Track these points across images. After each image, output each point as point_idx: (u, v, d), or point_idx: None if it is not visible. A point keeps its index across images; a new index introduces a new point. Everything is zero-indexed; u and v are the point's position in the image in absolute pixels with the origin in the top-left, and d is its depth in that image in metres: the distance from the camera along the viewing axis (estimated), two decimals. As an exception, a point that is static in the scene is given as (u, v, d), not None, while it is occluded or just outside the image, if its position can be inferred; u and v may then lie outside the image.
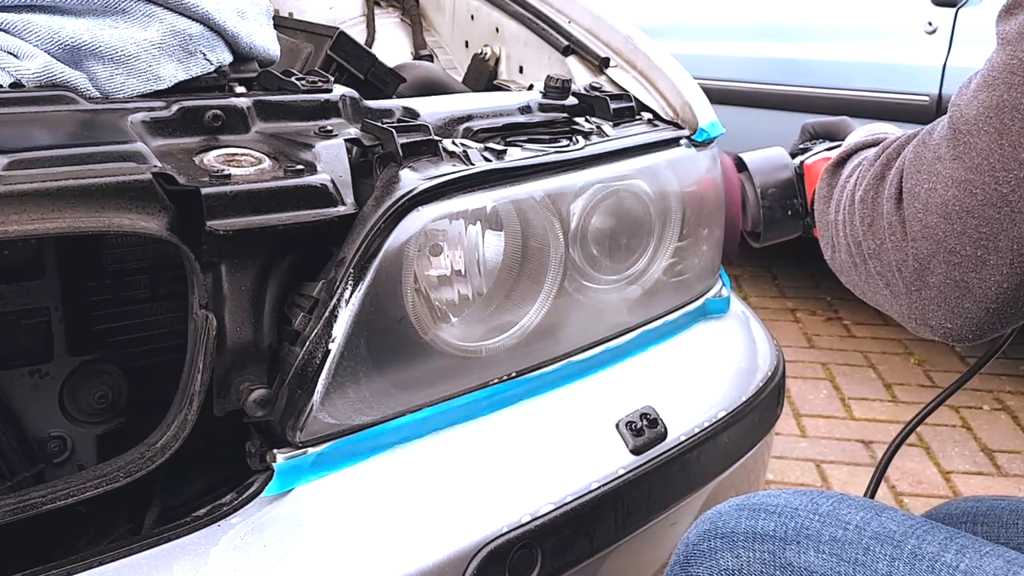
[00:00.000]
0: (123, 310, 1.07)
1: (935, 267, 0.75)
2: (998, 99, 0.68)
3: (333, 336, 0.90)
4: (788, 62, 3.19)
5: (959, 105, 0.73)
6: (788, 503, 0.88)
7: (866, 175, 0.84)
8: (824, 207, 0.95)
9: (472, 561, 0.93)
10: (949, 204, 0.72)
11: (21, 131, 0.84)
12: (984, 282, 0.72)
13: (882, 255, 0.81)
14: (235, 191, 0.84)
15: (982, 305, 0.74)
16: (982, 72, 0.72)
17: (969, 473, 2.45)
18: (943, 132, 0.75)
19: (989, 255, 0.71)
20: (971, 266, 0.72)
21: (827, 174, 0.97)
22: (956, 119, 0.73)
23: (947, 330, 0.77)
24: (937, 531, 0.80)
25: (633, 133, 1.21)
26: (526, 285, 1.07)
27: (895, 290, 0.80)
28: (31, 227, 0.76)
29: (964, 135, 0.71)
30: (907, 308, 0.80)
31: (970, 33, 2.75)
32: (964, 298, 0.74)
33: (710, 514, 0.94)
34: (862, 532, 0.82)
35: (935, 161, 0.74)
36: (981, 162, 0.70)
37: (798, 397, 2.84)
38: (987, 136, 0.69)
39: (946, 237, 0.73)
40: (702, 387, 1.25)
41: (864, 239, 0.83)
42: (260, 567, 0.85)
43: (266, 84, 1.07)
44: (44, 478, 0.99)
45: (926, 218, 0.74)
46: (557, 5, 1.56)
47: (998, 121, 0.68)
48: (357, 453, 0.96)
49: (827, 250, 0.94)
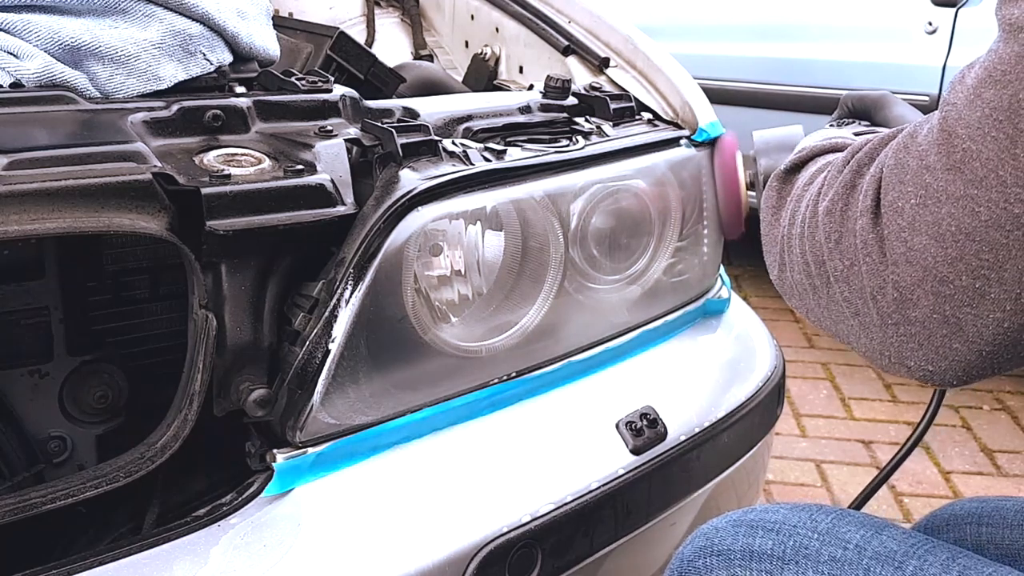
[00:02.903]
0: (123, 310, 1.07)
1: (920, 298, 0.63)
2: (1010, 98, 0.57)
3: (333, 336, 0.90)
4: (788, 62, 3.19)
5: (954, 105, 0.61)
6: (786, 520, 0.84)
7: (833, 183, 0.73)
8: (772, 218, 0.84)
9: (472, 561, 0.93)
10: (943, 224, 0.61)
11: (21, 131, 0.84)
12: (980, 319, 0.61)
13: (852, 279, 0.69)
14: (235, 191, 0.84)
15: (974, 347, 0.63)
16: (983, 66, 0.60)
17: (969, 473, 2.45)
18: (932, 136, 0.63)
19: (990, 287, 0.60)
20: (966, 299, 0.61)
21: (777, 180, 0.86)
22: (951, 121, 0.61)
23: (927, 373, 0.66)
24: (939, 551, 0.76)
25: (633, 133, 1.21)
26: (526, 285, 1.07)
27: (866, 321, 0.69)
28: (31, 227, 0.76)
29: (963, 141, 0.60)
30: (880, 343, 0.69)
31: (970, 33, 2.75)
32: (953, 337, 0.63)
33: (706, 529, 0.90)
34: (862, 552, 0.78)
35: (922, 171, 0.63)
36: (987, 175, 0.58)
37: (798, 397, 2.84)
38: (994, 143, 0.57)
39: (936, 263, 0.62)
40: (702, 387, 1.25)
41: (829, 258, 0.71)
42: (260, 567, 0.85)
43: (266, 84, 1.07)
44: (44, 478, 0.99)
45: (912, 239, 0.63)
46: (557, 5, 1.56)
47: (1010, 125, 0.57)
48: (357, 453, 0.96)
49: (773, 268, 0.83)
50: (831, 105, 1.15)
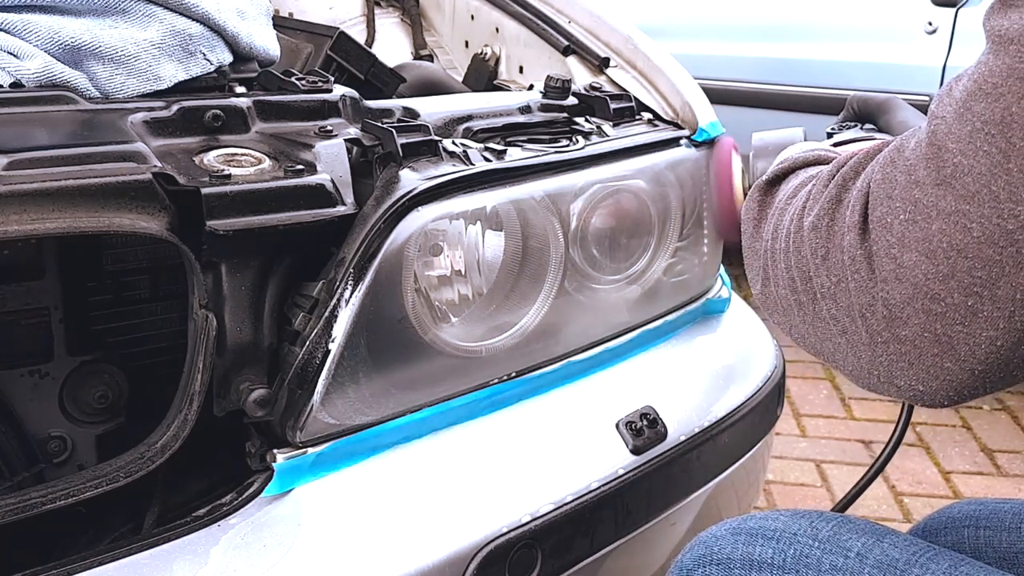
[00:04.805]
0: (123, 310, 1.07)
1: (910, 317, 0.62)
2: (1003, 112, 0.55)
3: (333, 336, 0.90)
4: (788, 62, 3.19)
5: (943, 118, 0.60)
6: (787, 527, 0.83)
7: (819, 197, 0.71)
8: (754, 230, 0.83)
9: (472, 561, 0.93)
10: (933, 240, 0.59)
11: (21, 131, 0.84)
12: (972, 338, 0.60)
13: (839, 296, 0.67)
14: (235, 191, 0.84)
15: (966, 365, 0.61)
16: (973, 79, 0.58)
17: (969, 473, 2.45)
18: (920, 150, 0.61)
19: (982, 305, 0.58)
20: (957, 317, 0.60)
21: (758, 192, 0.85)
22: (941, 135, 0.59)
23: (917, 393, 0.65)
24: (941, 558, 0.76)
25: (633, 133, 1.21)
26: (526, 285, 1.07)
27: (854, 339, 0.67)
28: (31, 227, 0.76)
29: (953, 155, 0.58)
30: (868, 362, 0.67)
31: (970, 33, 2.75)
32: (945, 356, 0.62)
33: (705, 537, 0.88)
34: (864, 560, 0.77)
35: (911, 186, 0.61)
36: (979, 190, 0.57)
37: (798, 397, 2.84)
38: (987, 158, 0.56)
39: (927, 280, 0.60)
40: (702, 387, 1.25)
41: (816, 274, 0.70)
42: (260, 567, 0.85)
43: (266, 84, 1.07)
44: (44, 478, 0.99)
45: (902, 255, 0.61)
46: (557, 5, 1.56)
47: (1003, 140, 0.55)
48: (357, 453, 0.96)
49: (756, 282, 0.81)
50: (831, 105, 1.15)
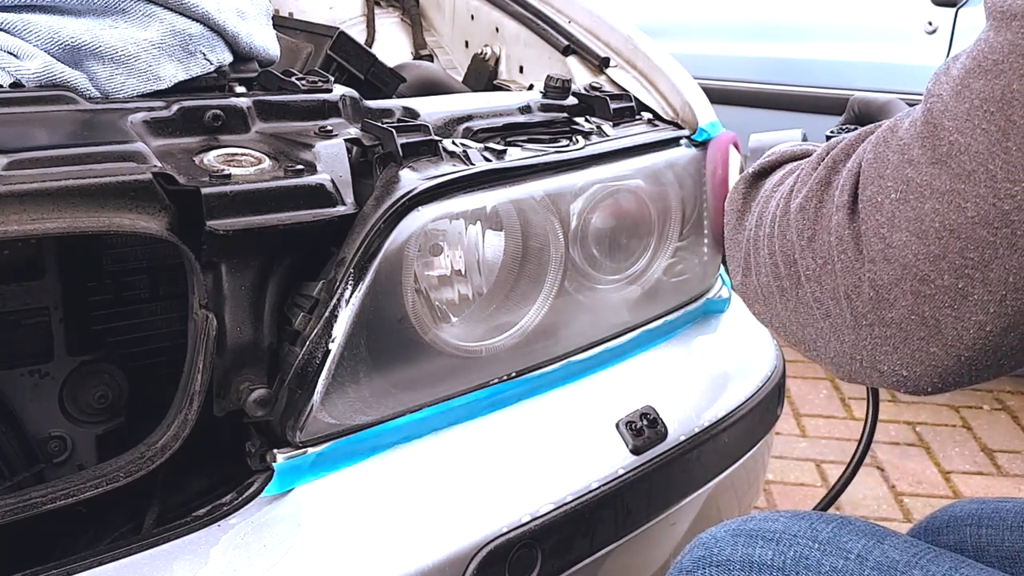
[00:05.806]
0: (123, 310, 1.07)
1: (897, 298, 0.61)
2: (1003, 89, 0.54)
3: (333, 336, 0.90)
4: (788, 62, 3.19)
5: (940, 96, 0.58)
6: (787, 529, 0.82)
7: (807, 180, 0.70)
8: (736, 222, 0.82)
9: (472, 561, 0.93)
10: (925, 220, 0.58)
11: (21, 131, 0.84)
12: (961, 322, 0.58)
13: (824, 278, 0.66)
14: (235, 191, 0.84)
15: (953, 351, 0.60)
16: (971, 56, 0.57)
17: (969, 473, 2.45)
18: (916, 128, 0.60)
19: (973, 288, 0.57)
20: (947, 300, 0.58)
21: (744, 184, 0.84)
22: (937, 113, 0.58)
23: (901, 378, 0.64)
24: (942, 560, 0.75)
25: (633, 133, 1.21)
26: (526, 285, 1.07)
27: (837, 323, 0.66)
28: (31, 227, 0.76)
29: (949, 133, 0.57)
30: (851, 347, 0.66)
31: (970, 33, 2.75)
32: (931, 340, 0.60)
33: (704, 539, 0.88)
34: (864, 562, 0.76)
35: (904, 165, 0.60)
36: (975, 169, 0.55)
37: (798, 397, 2.84)
38: (984, 136, 0.55)
39: (917, 261, 0.59)
40: (702, 387, 1.25)
41: (801, 256, 0.69)
42: (260, 567, 0.85)
43: (266, 84, 1.07)
44: (44, 478, 0.99)
45: (892, 235, 0.60)
46: (557, 5, 1.56)
47: (1002, 117, 0.54)
48: (357, 453, 0.96)
49: (737, 273, 0.81)
50: (831, 105, 1.16)
